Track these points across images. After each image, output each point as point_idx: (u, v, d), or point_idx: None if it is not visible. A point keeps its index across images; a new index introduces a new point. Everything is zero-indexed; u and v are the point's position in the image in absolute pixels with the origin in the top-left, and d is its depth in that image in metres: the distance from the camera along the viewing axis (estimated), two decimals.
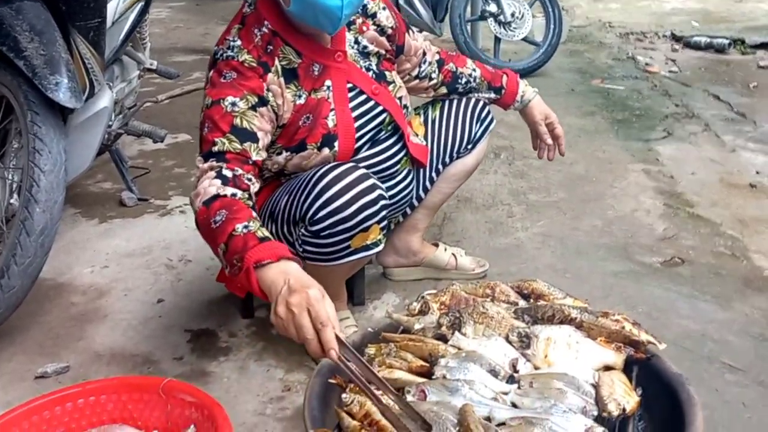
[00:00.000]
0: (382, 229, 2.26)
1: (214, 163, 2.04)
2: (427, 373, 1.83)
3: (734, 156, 4.34)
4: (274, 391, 2.35)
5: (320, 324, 1.63)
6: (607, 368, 1.87)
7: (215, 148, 2.07)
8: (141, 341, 2.60)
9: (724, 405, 2.28)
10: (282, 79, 2.21)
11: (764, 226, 3.48)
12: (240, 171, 2.04)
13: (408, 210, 2.76)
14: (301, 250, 2.25)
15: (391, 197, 2.50)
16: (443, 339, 1.98)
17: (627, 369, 1.89)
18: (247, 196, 2.01)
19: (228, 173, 2.02)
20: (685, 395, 1.84)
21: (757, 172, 4.09)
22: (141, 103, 4.13)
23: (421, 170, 2.70)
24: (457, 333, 1.96)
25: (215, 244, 1.92)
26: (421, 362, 1.87)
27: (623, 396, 1.74)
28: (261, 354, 2.51)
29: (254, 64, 2.16)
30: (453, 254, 2.98)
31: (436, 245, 3.00)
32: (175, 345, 2.58)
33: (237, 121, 2.09)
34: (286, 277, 1.72)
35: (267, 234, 1.86)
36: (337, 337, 1.65)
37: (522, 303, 2.10)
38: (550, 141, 2.83)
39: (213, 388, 2.36)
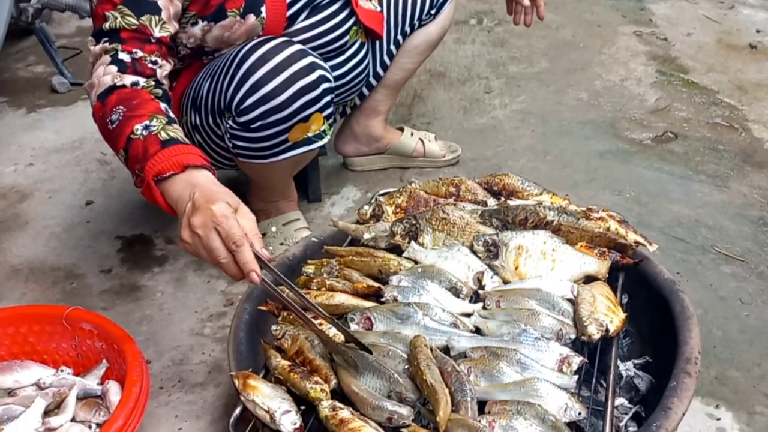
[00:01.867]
0: (326, 117, 1.91)
1: (108, 45, 1.65)
2: (376, 295, 1.55)
3: (733, 13, 3.93)
4: (214, 306, 2.08)
5: (233, 244, 1.33)
6: (589, 278, 1.59)
7: (107, 25, 1.66)
8: (65, 252, 2.31)
9: (720, 302, 2.04)
10: None
11: (764, 92, 3.16)
12: (140, 53, 1.65)
13: (365, 90, 2.40)
14: (230, 145, 1.91)
15: (340, 77, 2.13)
16: (398, 250, 1.68)
17: (612, 277, 1.61)
18: (152, 83, 1.63)
19: (125, 57, 1.64)
20: (679, 307, 1.58)
21: (758, 31, 3.71)
22: None
23: (377, 43, 2.31)
24: (413, 243, 1.67)
25: (116, 150, 1.57)
26: (368, 282, 1.58)
27: (606, 314, 1.47)
28: (201, 263, 2.22)
29: None
30: (420, 139, 2.64)
31: (402, 130, 2.65)
32: (103, 255, 2.29)
33: None
34: (191, 190, 1.39)
35: (173, 134, 1.50)
36: (258, 257, 1.35)
37: (491, 202, 1.79)
38: (527, 2, 2.41)
39: (144, 305, 2.09)
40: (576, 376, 1.35)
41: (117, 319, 1.96)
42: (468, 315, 1.51)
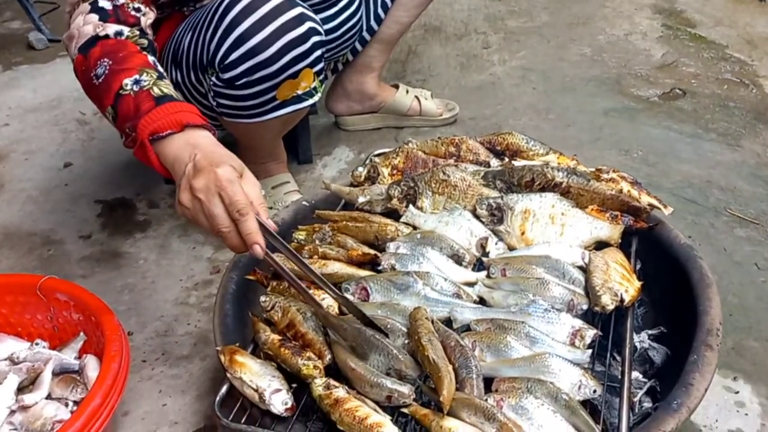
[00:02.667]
0: (317, 74, 1.77)
1: None
2: (372, 263, 1.44)
3: None
4: (200, 274, 1.97)
5: (237, 213, 1.21)
6: (601, 244, 1.48)
7: None
8: (42, 216, 2.19)
9: (735, 267, 1.92)
10: None
11: None
12: (122, 0, 1.51)
13: (358, 45, 2.26)
14: (214, 104, 1.78)
15: (331, 30, 2.00)
16: (395, 215, 1.57)
17: (624, 242, 1.50)
18: (137, 32, 1.50)
19: (106, 4, 1.50)
20: (698, 275, 1.48)
21: None
22: None
23: None
24: (411, 207, 1.56)
25: (102, 108, 1.45)
26: (364, 249, 1.47)
27: (620, 283, 1.36)
28: (186, 228, 2.11)
29: None
30: (416, 97, 2.51)
31: (396, 87, 2.52)
32: (82, 220, 2.17)
33: None
34: (192, 152, 1.28)
35: (167, 90, 1.38)
36: (263, 227, 1.24)
37: (494, 163, 1.67)
38: None
39: (126, 273, 1.97)
40: (590, 351, 1.25)
41: (97, 288, 1.87)
42: (471, 284, 1.41)
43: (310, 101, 1.80)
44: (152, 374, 1.68)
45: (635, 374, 1.44)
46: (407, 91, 2.52)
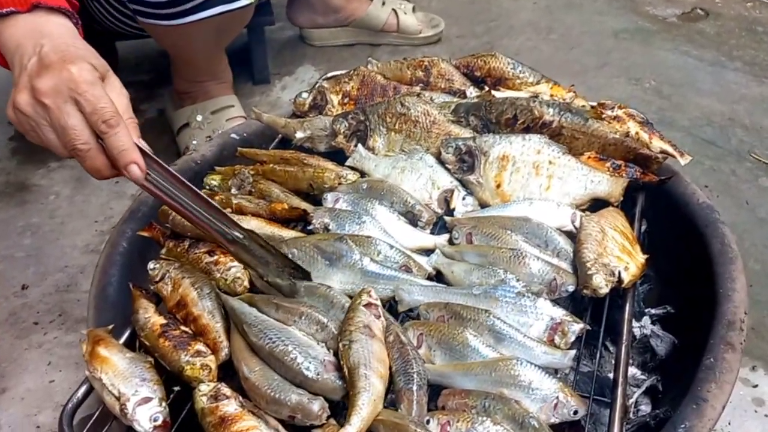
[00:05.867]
0: None
1: None
2: (302, 220, 1.12)
3: None
4: (120, 214, 1.63)
5: (104, 124, 0.91)
6: (598, 203, 1.16)
7: None
8: None
9: (758, 225, 1.66)
10: None
11: None
12: None
13: None
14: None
15: None
16: (342, 156, 1.24)
17: (628, 201, 1.17)
18: None
19: None
20: (719, 245, 1.19)
21: None
22: None
23: None
24: (360, 147, 1.23)
25: None
26: (293, 201, 1.15)
27: (619, 257, 1.05)
28: None
29: None
30: (394, 10, 2.17)
31: None
32: None
33: None
34: (38, 41, 0.96)
35: None
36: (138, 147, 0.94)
37: (471, 92, 1.34)
38: None
39: (31, 211, 1.70)
40: (572, 352, 0.94)
41: None
42: (428, 252, 1.09)
43: (243, 2, 1.45)
44: (43, 341, 1.39)
45: (633, 370, 1.15)
46: (384, 3, 2.17)
